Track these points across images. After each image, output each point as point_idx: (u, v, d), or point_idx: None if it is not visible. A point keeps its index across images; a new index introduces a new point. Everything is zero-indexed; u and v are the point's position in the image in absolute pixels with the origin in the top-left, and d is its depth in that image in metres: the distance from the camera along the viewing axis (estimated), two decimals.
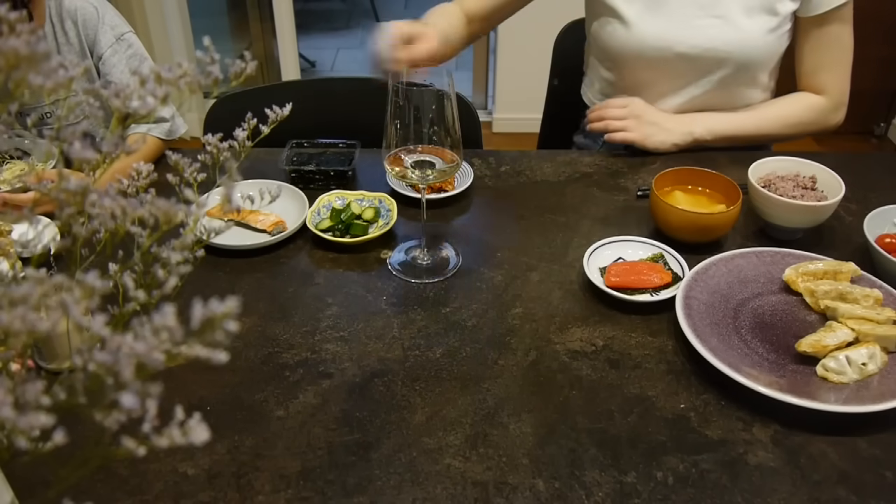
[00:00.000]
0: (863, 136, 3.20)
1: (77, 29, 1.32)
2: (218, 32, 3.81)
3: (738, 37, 1.23)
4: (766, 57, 1.27)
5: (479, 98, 3.50)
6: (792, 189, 1.09)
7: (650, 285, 0.96)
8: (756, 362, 0.85)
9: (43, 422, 0.34)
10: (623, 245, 1.04)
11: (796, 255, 1.01)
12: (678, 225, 1.05)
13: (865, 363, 0.82)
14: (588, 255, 1.01)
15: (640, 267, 0.99)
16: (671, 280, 0.97)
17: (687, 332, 0.86)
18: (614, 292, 0.95)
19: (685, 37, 1.24)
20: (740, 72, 1.27)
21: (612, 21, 1.28)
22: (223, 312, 0.34)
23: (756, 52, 1.25)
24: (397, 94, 0.89)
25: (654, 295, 0.95)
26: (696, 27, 1.24)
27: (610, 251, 1.03)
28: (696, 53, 1.25)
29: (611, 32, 1.29)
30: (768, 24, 1.23)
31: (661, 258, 1.02)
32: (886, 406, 0.77)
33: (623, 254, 1.03)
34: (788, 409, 0.77)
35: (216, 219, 1.05)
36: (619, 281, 0.96)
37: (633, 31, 1.26)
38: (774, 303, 0.95)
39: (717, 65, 1.26)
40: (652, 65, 1.28)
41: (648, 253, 1.03)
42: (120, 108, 0.43)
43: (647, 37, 1.26)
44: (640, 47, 1.27)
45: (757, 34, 1.24)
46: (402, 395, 0.82)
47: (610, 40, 1.30)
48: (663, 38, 1.25)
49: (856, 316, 0.88)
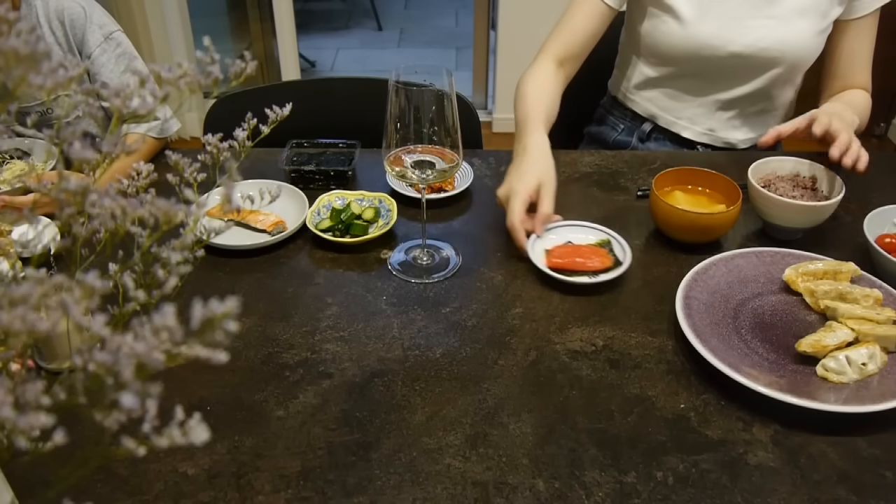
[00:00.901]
0: (863, 136, 3.20)
1: (64, 29, 1.31)
2: (218, 32, 3.80)
3: (791, 38, 1.26)
4: (812, 57, 1.31)
5: (479, 98, 3.50)
6: (792, 189, 1.09)
7: (590, 268, 0.99)
8: (756, 362, 0.85)
9: (43, 422, 0.34)
10: (573, 229, 1.07)
11: (796, 255, 1.01)
12: (678, 225, 1.05)
13: (865, 363, 0.82)
14: (534, 238, 1.04)
15: (582, 250, 1.02)
16: (612, 264, 1.01)
17: (687, 332, 0.86)
18: (554, 273, 0.98)
19: (739, 35, 1.26)
20: (788, 71, 1.30)
21: (667, 19, 1.29)
22: (223, 312, 0.34)
23: (805, 52, 1.28)
24: (397, 94, 0.89)
25: (592, 278, 0.98)
26: (751, 27, 1.26)
27: (556, 235, 1.06)
28: (750, 53, 1.27)
29: (665, 31, 1.29)
30: (818, 25, 1.26)
31: (607, 244, 1.05)
32: (886, 406, 0.77)
33: (573, 237, 1.06)
34: (789, 410, 0.77)
35: (216, 219, 1.05)
36: (561, 263, 1.00)
37: (689, 30, 1.27)
38: (774, 303, 0.95)
39: (769, 64, 1.28)
40: (704, 63, 1.30)
41: (597, 238, 1.06)
42: (120, 108, 0.43)
43: (703, 35, 1.27)
44: (695, 45, 1.28)
45: (808, 35, 1.26)
46: (402, 395, 0.82)
47: (663, 38, 1.30)
48: (718, 37, 1.26)
49: (856, 316, 0.88)
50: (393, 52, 4.35)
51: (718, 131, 1.39)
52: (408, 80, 0.89)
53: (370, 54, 4.33)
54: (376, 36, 4.58)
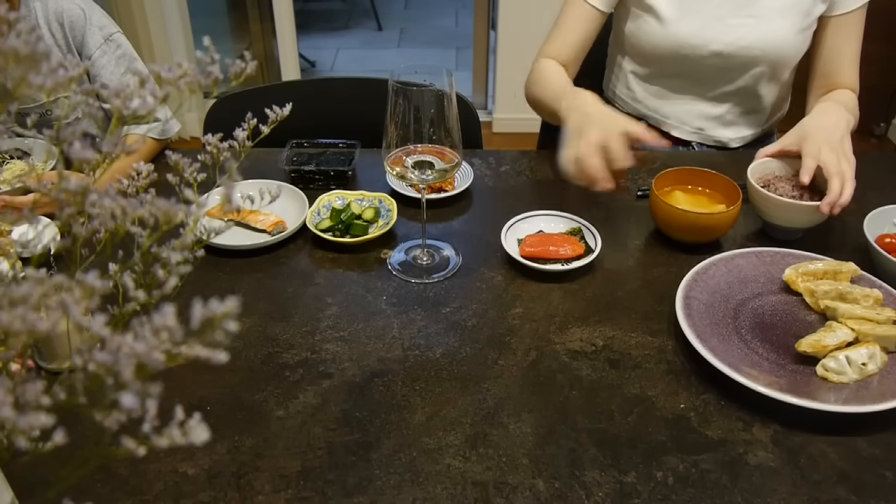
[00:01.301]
0: (863, 136, 3.20)
1: (64, 31, 1.31)
2: (218, 32, 3.80)
3: (772, 36, 1.25)
4: (796, 55, 1.30)
5: (479, 98, 3.50)
6: (791, 189, 1.08)
7: (562, 256, 1.02)
8: (756, 362, 0.85)
9: (43, 422, 0.34)
10: (545, 219, 1.10)
11: (796, 255, 1.01)
12: (678, 225, 1.05)
13: (865, 363, 0.82)
14: (507, 228, 1.07)
15: (555, 239, 1.04)
16: (583, 252, 1.03)
17: (687, 332, 0.86)
18: (527, 261, 1.01)
19: (720, 34, 1.26)
20: (771, 69, 1.30)
21: (648, 19, 1.29)
22: (223, 312, 0.34)
23: (787, 50, 1.28)
24: (397, 94, 0.89)
25: (565, 265, 1.01)
26: (732, 26, 1.26)
27: (528, 224, 1.09)
28: (731, 52, 1.27)
29: (647, 30, 1.30)
30: (800, 23, 1.26)
31: (578, 232, 1.07)
32: (886, 406, 0.77)
33: (545, 227, 1.09)
34: (789, 410, 0.77)
35: (216, 219, 1.05)
36: (533, 251, 1.02)
37: (670, 29, 1.27)
38: (774, 303, 0.95)
39: (751, 63, 1.29)
40: (686, 62, 1.30)
41: (568, 226, 1.09)
42: (120, 109, 0.43)
43: (683, 34, 1.27)
44: (676, 44, 1.28)
45: (790, 33, 1.26)
46: (402, 395, 0.82)
47: (644, 37, 1.31)
48: (699, 36, 1.27)
49: (856, 316, 0.88)
50: (393, 52, 4.35)
51: (708, 130, 1.39)
52: (408, 80, 0.89)
53: (370, 54, 4.33)
54: (376, 36, 4.58)
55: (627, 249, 1.07)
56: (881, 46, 2.82)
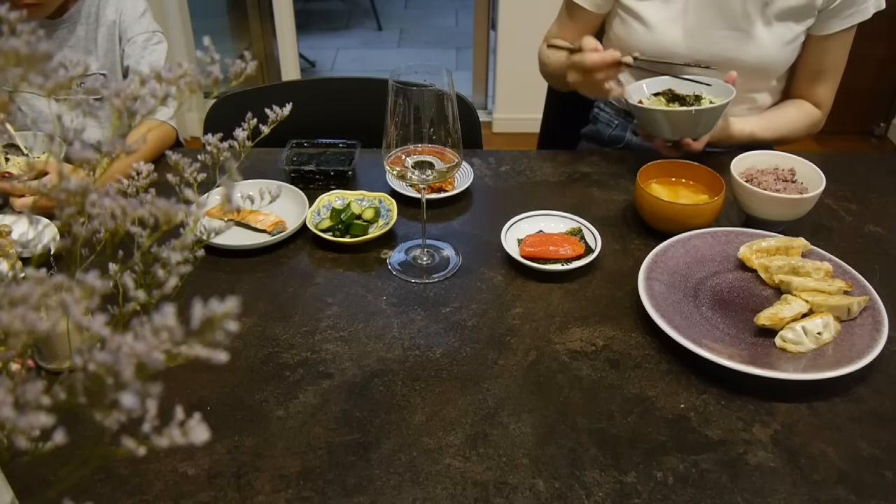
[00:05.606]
0: (863, 136, 3.20)
1: (118, 17, 1.36)
2: (218, 32, 3.81)
3: (757, 51, 1.26)
4: (781, 67, 1.31)
5: (479, 98, 3.50)
6: (774, 182, 1.10)
7: (562, 256, 1.01)
8: (718, 337, 0.88)
9: (43, 422, 0.34)
10: (545, 219, 1.10)
11: (749, 233, 1.04)
12: (663, 216, 1.07)
13: (821, 332, 0.86)
14: (507, 228, 1.07)
15: (554, 239, 1.04)
16: (583, 252, 1.03)
17: (650, 311, 0.89)
18: (527, 261, 1.01)
19: (706, 45, 1.27)
20: (755, 79, 1.31)
21: (636, 24, 1.30)
22: (223, 312, 0.34)
23: (774, 63, 1.29)
24: (397, 94, 0.89)
25: (565, 265, 1.00)
26: (718, 37, 1.26)
27: (528, 224, 1.09)
28: (717, 62, 1.27)
29: (634, 36, 1.30)
30: (786, 36, 1.26)
31: (578, 232, 1.07)
32: (843, 372, 0.80)
33: (545, 227, 1.09)
34: (789, 410, 0.77)
35: (216, 219, 1.05)
36: (533, 251, 1.02)
37: (656, 35, 1.28)
38: (731, 280, 0.98)
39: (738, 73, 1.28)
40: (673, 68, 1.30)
41: (568, 226, 1.08)
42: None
43: (667, 41, 1.28)
44: (658, 50, 1.28)
45: (776, 47, 1.26)
46: (402, 395, 0.82)
47: (630, 40, 1.31)
48: (684, 45, 1.27)
49: (809, 288, 0.92)
50: (393, 52, 4.35)
51: None
52: (408, 80, 0.89)
53: (370, 54, 4.33)
54: (376, 36, 4.58)
55: (627, 249, 1.07)
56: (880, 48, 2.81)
